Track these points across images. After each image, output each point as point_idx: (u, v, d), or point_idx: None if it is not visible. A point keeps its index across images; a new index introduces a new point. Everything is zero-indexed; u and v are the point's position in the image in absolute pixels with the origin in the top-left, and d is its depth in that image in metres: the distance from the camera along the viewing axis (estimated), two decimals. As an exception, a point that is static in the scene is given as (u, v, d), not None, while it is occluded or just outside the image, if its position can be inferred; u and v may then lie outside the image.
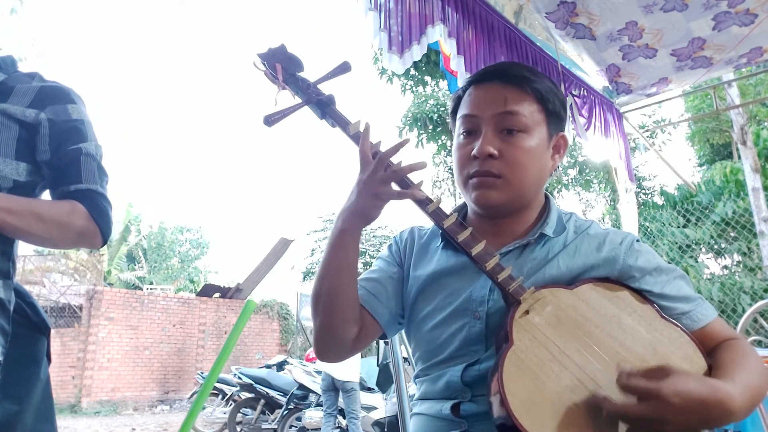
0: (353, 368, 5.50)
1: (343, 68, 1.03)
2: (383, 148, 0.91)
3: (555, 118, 0.96)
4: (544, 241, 0.94)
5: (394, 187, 0.89)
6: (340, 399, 5.60)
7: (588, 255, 0.92)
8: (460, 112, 0.98)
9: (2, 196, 1.01)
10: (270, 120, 0.98)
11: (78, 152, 1.15)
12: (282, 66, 1.02)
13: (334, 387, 5.52)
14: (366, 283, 1.02)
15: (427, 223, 1.09)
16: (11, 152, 1.10)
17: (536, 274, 0.91)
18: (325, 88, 1.03)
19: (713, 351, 0.85)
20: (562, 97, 0.98)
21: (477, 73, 1.00)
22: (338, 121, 0.99)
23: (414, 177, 0.91)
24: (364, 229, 0.95)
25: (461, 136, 0.97)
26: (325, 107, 1.00)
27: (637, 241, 0.94)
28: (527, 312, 0.83)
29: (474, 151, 0.91)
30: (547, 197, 1.02)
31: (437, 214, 0.90)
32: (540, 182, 0.96)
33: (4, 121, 1.09)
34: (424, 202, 0.91)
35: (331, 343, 0.95)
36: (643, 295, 0.88)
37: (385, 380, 6.17)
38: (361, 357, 6.66)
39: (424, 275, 0.99)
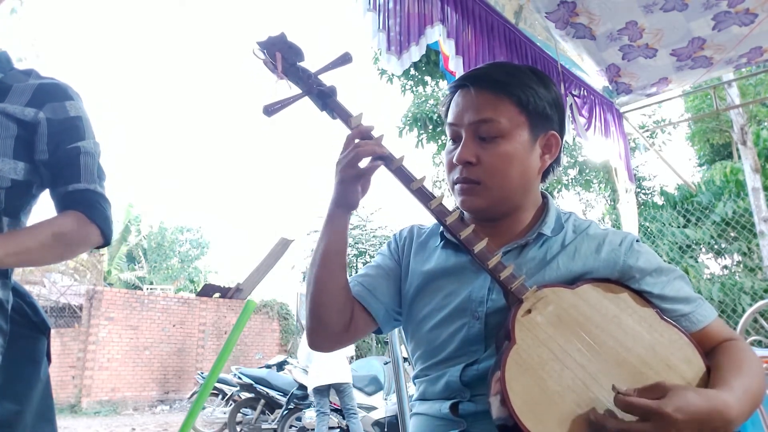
0: (343, 368, 5.51)
1: (345, 59, 1.01)
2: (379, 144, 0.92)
3: (539, 118, 0.94)
4: (543, 240, 0.94)
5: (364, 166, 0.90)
6: (332, 398, 5.62)
7: (587, 257, 0.92)
8: (447, 120, 0.99)
9: (3, 239, 1.01)
10: (269, 110, 0.96)
11: (76, 151, 1.15)
12: (282, 55, 1.00)
13: (326, 386, 5.52)
14: (362, 279, 1.02)
15: (428, 222, 1.09)
16: (9, 151, 1.09)
17: (536, 275, 0.91)
18: (327, 79, 1.00)
19: (712, 352, 0.86)
20: (551, 96, 0.96)
21: (457, 78, 1.00)
22: (339, 113, 0.97)
23: (415, 171, 0.92)
24: (363, 229, 0.95)
25: (449, 143, 0.99)
26: (326, 98, 0.98)
27: (637, 241, 0.94)
28: (529, 311, 0.83)
29: (453, 159, 0.93)
30: (545, 197, 1.02)
31: (440, 211, 0.90)
32: (526, 184, 0.95)
33: (2, 121, 1.09)
34: (426, 197, 0.90)
35: (319, 330, 0.96)
36: (643, 296, 0.88)
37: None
38: (359, 357, 6.65)
39: (423, 273, 0.99)
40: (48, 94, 1.15)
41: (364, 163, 0.90)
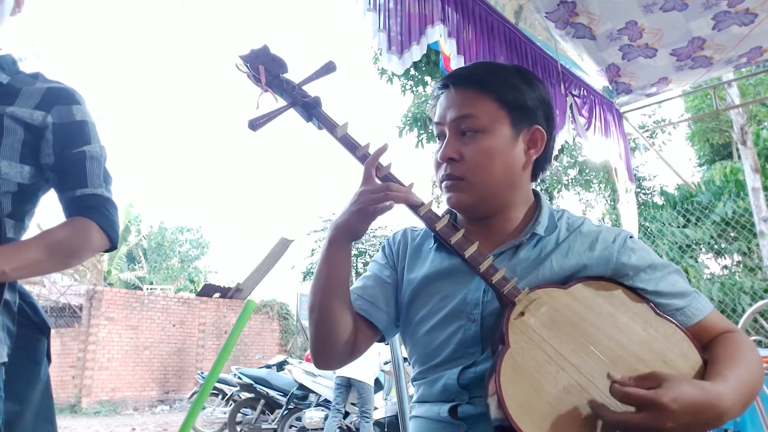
0: (370, 369, 5.50)
1: (328, 68, 1.02)
2: (387, 166, 0.93)
3: (521, 113, 0.94)
4: (537, 240, 0.94)
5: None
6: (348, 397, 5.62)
7: (581, 254, 0.92)
8: (433, 120, 1.00)
9: (10, 254, 1.01)
10: (255, 124, 0.96)
11: (82, 155, 1.16)
12: (265, 67, 1.00)
13: (348, 383, 5.52)
14: (362, 291, 1.01)
15: (420, 224, 1.09)
16: (16, 155, 1.10)
17: (530, 275, 0.91)
18: (312, 89, 1.01)
19: (709, 345, 0.85)
20: (535, 94, 0.96)
21: (440, 79, 1.01)
22: (325, 123, 0.97)
23: (405, 177, 0.93)
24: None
25: (436, 142, 1.00)
26: (311, 109, 0.98)
27: (631, 237, 0.94)
28: (522, 313, 0.83)
29: (438, 157, 0.95)
30: (537, 195, 1.01)
31: (429, 217, 0.90)
32: (510, 179, 0.94)
33: (10, 125, 1.10)
34: (415, 206, 0.91)
35: (326, 352, 0.96)
36: (637, 292, 0.88)
37: None
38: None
39: (418, 278, 0.99)
40: (56, 97, 1.16)
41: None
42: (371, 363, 5.50)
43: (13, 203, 1.11)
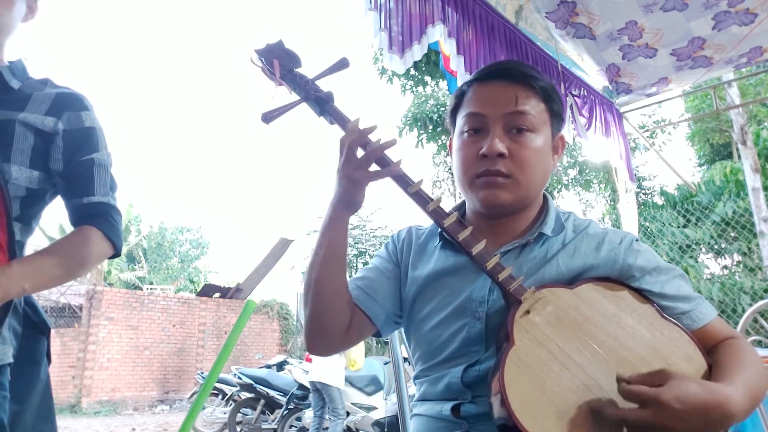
0: (332, 370, 5.49)
1: (342, 64, 1.02)
2: (370, 138, 0.93)
3: (557, 118, 0.97)
4: (543, 240, 0.94)
5: (374, 168, 0.90)
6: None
7: (587, 255, 0.92)
8: (464, 110, 0.96)
9: (23, 267, 1.01)
10: (268, 117, 0.97)
11: (90, 163, 1.17)
12: (279, 62, 1.01)
13: (316, 387, 5.54)
14: (361, 282, 1.01)
15: (425, 223, 1.08)
16: (26, 161, 1.11)
17: (536, 274, 0.91)
18: (324, 85, 1.02)
19: (713, 350, 0.85)
20: (561, 102, 0.99)
21: (482, 70, 0.98)
22: (337, 118, 0.97)
23: (412, 174, 0.92)
24: (363, 229, 0.95)
25: (465, 135, 0.95)
26: (323, 104, 0.99)
27: (636, 240, 0.94)
28: (528, 312, 0.83)
29: (483, 150, 0.90)
30: (545, 196, 1.02)
31: (437, 213, 0.90)
32: (544, 182, 0.96)
33: (22, 130, 1.11)
34: (424, 200, 0.91)
35: (319, 334, 0.95)
36: (643, 294, 0.88)
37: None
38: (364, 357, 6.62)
39: (423, 275, 0.99)
40: (66, 103, 1.17)
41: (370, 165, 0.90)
42: (337, 366, 5.51)
43: (22, 207, 1.13)
